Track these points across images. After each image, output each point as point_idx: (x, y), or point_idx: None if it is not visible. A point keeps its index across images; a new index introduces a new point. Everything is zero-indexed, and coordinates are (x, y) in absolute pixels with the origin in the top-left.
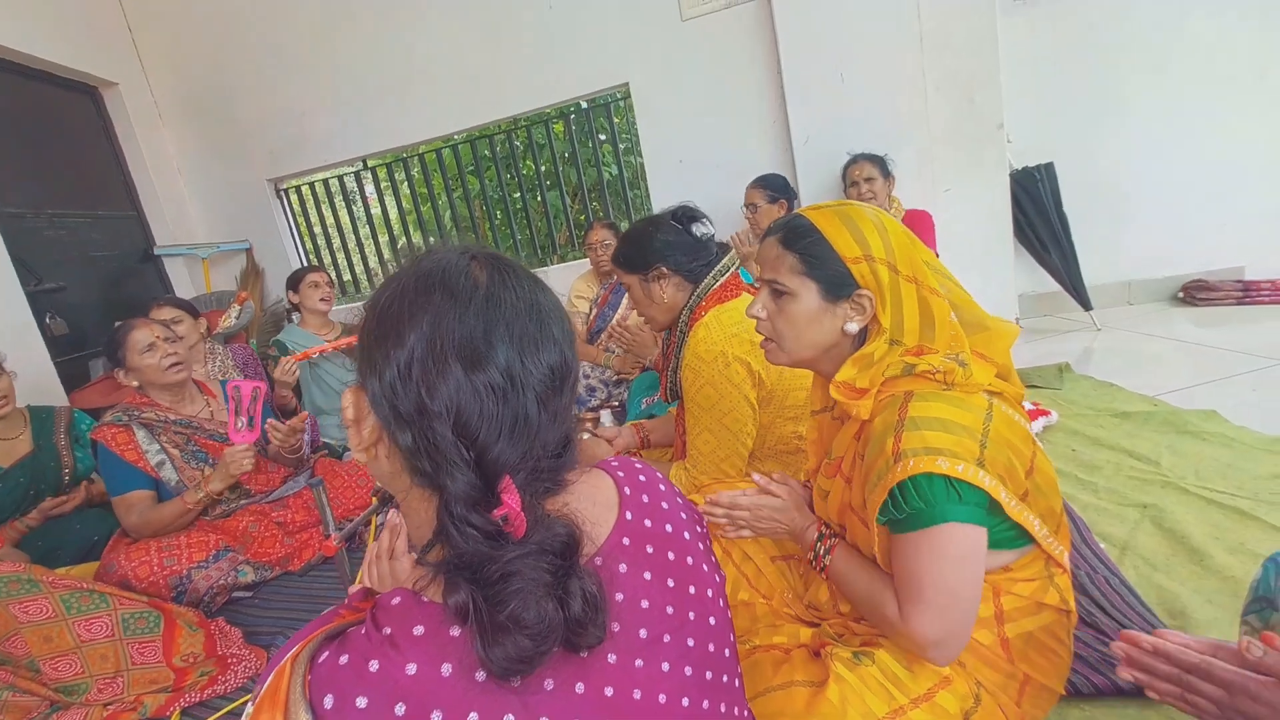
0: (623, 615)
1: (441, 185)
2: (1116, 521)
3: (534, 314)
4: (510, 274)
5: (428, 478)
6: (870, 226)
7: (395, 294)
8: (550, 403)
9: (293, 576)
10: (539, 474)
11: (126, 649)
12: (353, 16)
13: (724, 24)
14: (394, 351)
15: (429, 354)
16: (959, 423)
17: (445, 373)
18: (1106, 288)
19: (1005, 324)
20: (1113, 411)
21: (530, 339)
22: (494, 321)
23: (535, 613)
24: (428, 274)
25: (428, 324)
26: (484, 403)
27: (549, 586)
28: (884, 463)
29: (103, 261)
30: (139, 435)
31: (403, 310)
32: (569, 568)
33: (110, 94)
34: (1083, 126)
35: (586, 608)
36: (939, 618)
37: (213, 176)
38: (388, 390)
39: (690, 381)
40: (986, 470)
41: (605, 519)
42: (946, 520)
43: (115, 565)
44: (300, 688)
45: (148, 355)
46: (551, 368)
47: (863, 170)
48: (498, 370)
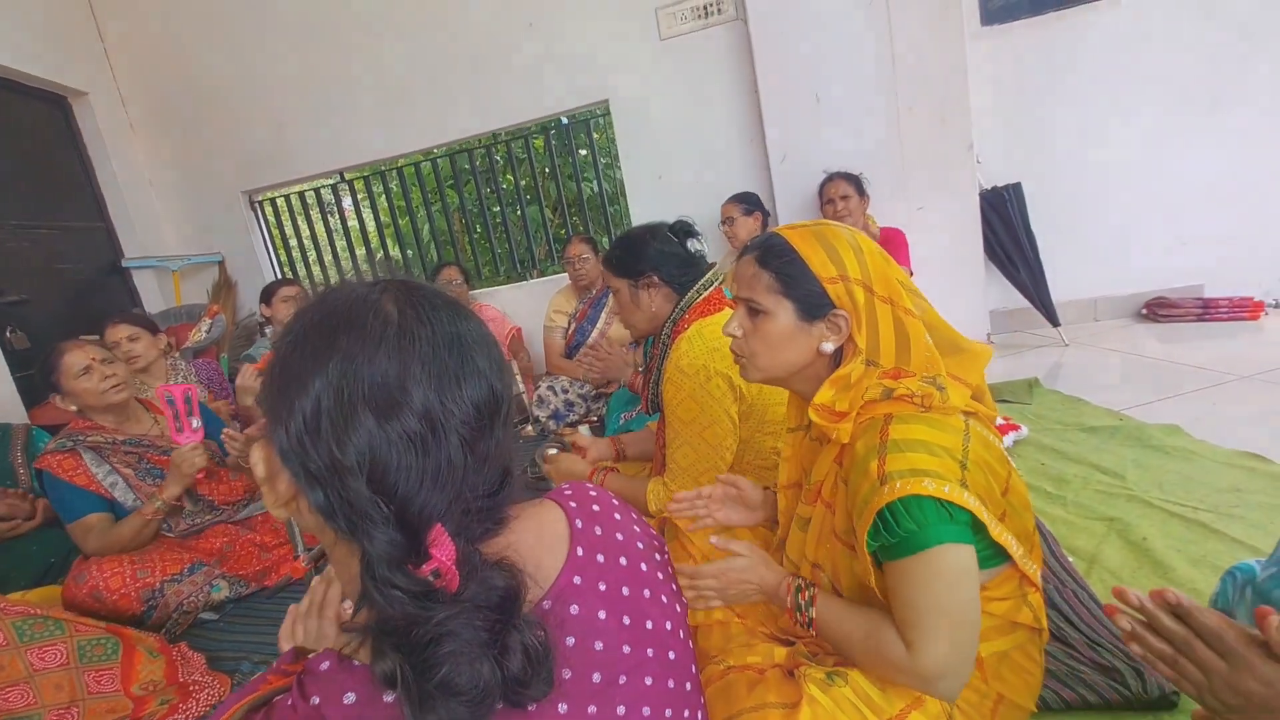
0: (574, 660)
1: (420, 199)
2: (1084, 535)
3: (454, 347)
4: (425, 305)
5: (348, 535)
6: (846, 247)
7: (298, 336)
8: (478, 444)
9: (259, 600)
10: (473, 516)
11: (83, 677)
12: (332, 29)
13: (702, 44)
14: (298, 401)
15: (336, 403)
16: (940, 444)
17: (355, 423)
18: (1073, 304)
19: (979, 345)
20: (1080, 426)
21: (450, 376)
22: (408, 361)
23: (469, 677)
24: (332, 312)
25: (334, 369)
26: (401, 453)
27: (485, 645)
28: (869, 486)
29: (69, 274)
30: (87, 459)
31: (306, 355)
32: (508, 621)
33: (80, 104)
34: (1049, 149)
35: (529, 663)
36: (948, 644)
37: (185, 188)
38: (295, 445)
39: (671, 395)
40: (969, 491)
41: (555, 556)
42: (941, 541)
43: (86, 576)
44: None
45: (84, 379)
46: (477, 405)
47: (838, 188)
48: (414, 415)
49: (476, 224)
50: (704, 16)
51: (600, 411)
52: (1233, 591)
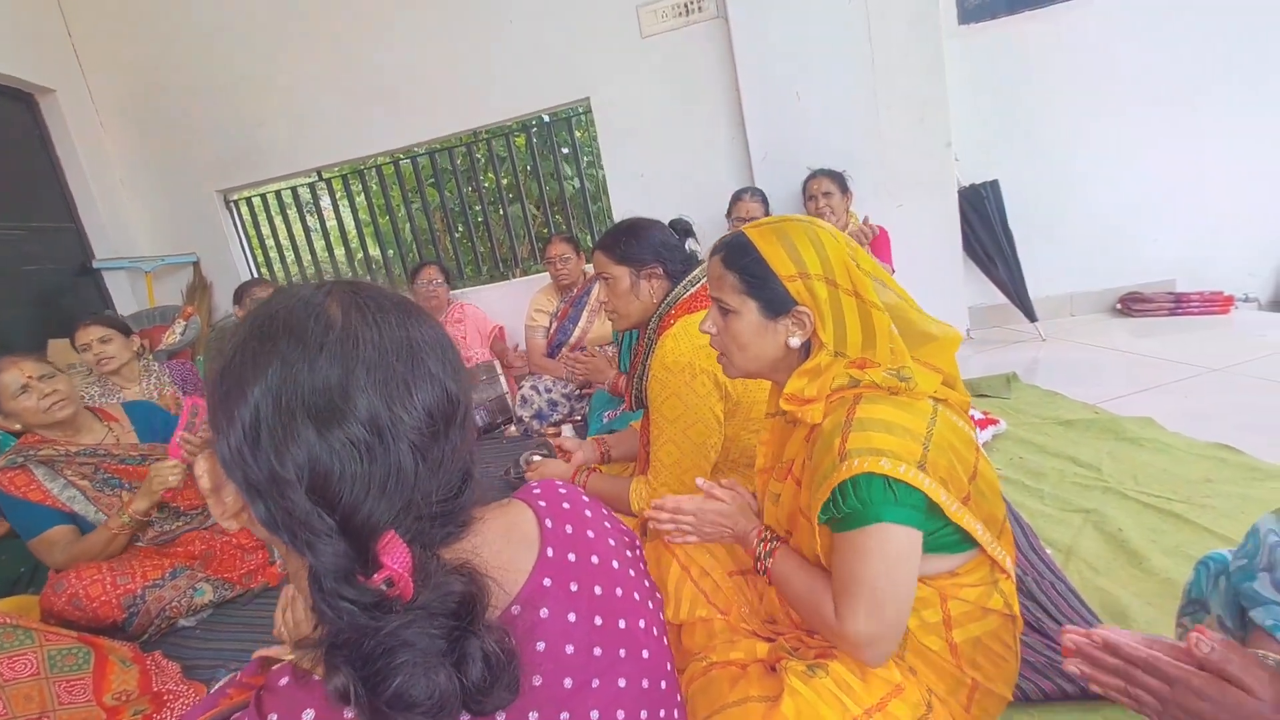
0: (545, 665)
1: (400, 198)
2: (1061, 527)
3: (403, 351)
4: (372, 307)
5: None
6: (806, 243)
7: (238, 343)
8: (431, 450)
9: (238, 605)
10: (430, 520)
11: (53, 688)
12: (308, 25)
13: (683, 42)
14: (237, 411)
15: (275, 412)
16: (903, 425)
17: (294, 433)
18: (1050, 300)
19: (949, 330)
20: (1057, 420)
21: (398, 381)
22: (351, 367)
23: (424, 687)
24: (273, 316)
25: (272, 376)
26: (345, 463)
27: (443, 654)
28: (830, 462)
29: (36, 275)
30: (39, 474)
31: (245, 362)
32: (466, 628)
33: (47, 100)
34: (1025, 146)
35: (489, 671)
36: (872, 616)
37: (158, 187)
38: (235, 456)
39: (656, 392)
40: (928, 473)
41: (524, 559)
42: (881, 520)
43: (65, 584)
44: None
45: (23, 398)
46: (429, 410)
47: (820, 185)
48: (358, 423)
49: (458, 223)
50: (685, 14)
51: (583, 411)
52: (1206, 581)
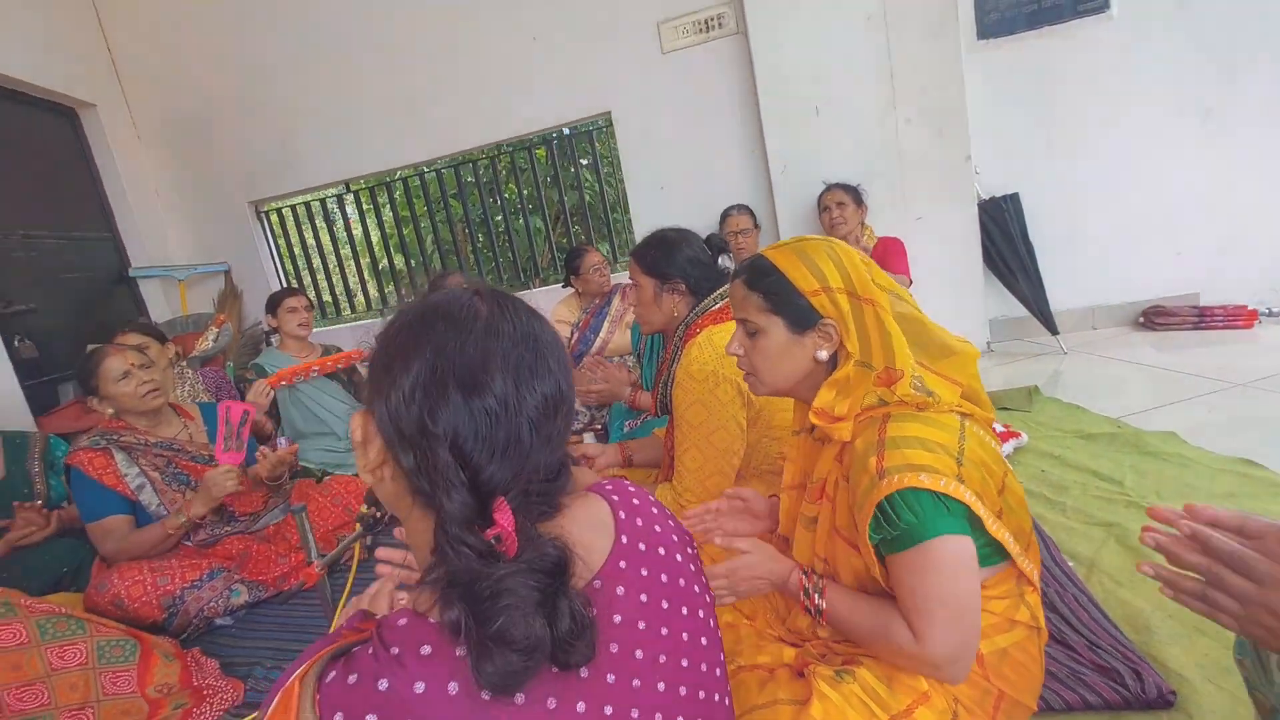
0: (621, 637)
1: (424, 209)
2: (1084, 540)
3: (530, 345)
4: (510, 308)
5: (427, 497)
6: (825, 258)
7: (402, 325)
8: (543, 427)
9: (273, 606)
10: (532, 496)
11: (99, 678)
12: (339, 41)
13: (703, 57)
14: (399, 377)
15: (431, 379)
16: (935, 441)
17: (445, 397)
18: (1072, 313)
19: (968, 347)
20: (1079, 433)
21: (527, 368)
22: (492, 351)
23: (523, 629)
24: (433, 306)
25: (430, 351)
26: (479, 426)
27: (538, 604)
28: (868, 481)
29: (75, 283)
30: (118, 459)
31: (408, 339)
32: (558, 587)
33: (88, 115)
34: (1045, 159)
35: (574, 626)
36: (952, 631)
37: (192, 198)
38: (393, 413)
39: (681, 399)
40: (965, 486)
41: (601, 543)
42: (939, 533)
43: (108, 584)
44: (310, 706)
45: (123, 384)
46: (546, 396)
47: (834, 196)
48: (494, 396)
49: (479, 233)
50: (705, 30)
51: (603, 420)
52: None
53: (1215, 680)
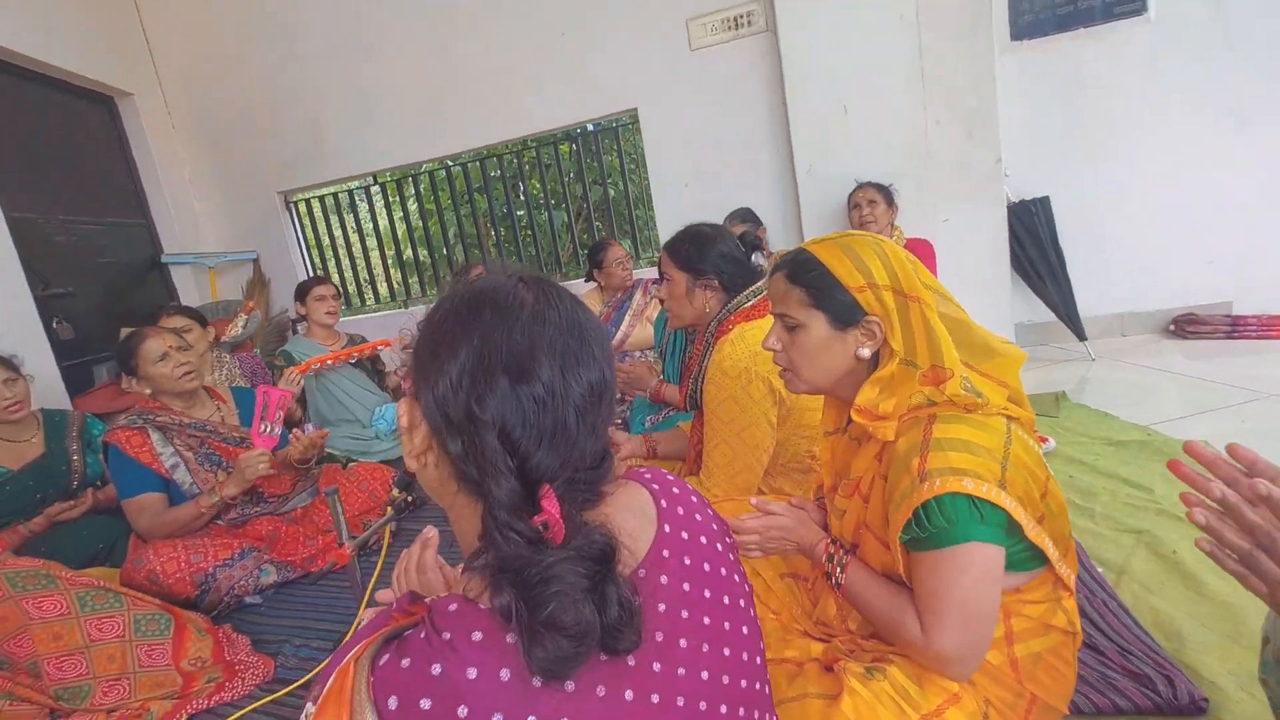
0: (665, 625)
1: (449, 202)
2: (1113, 546)
3: (576, 333)
4: (554, 295)
5: (473, 484)
6: (871, 254)
7: (449, 312)
8: (588, 415)
9: (301, 586)
10: (577, 484)
11: (135, 651)
12: (370, 35)
13: (731, 55)
14: (447, 364)
15: (479, 366)
16: (981, 445)
17: (493, 384)
18: (1100, 319)
19: (1012, 349)
20: (1108, 440)
21: (572, 355)
22: (539, 338)
23: (573, 616)
24: (479, 294)
25: (478, 339)
26: (526, 413)
27: (586, 591)
28: (909, 482)
29: (110, 268)
30: (154, 438)
31: (455, 326)
32: (605, 574)
33: (125, 104)
34: (1076, 163)
35: (622, 613)
36: (960, 634)
37: (223, 187)
38: (440, 400)
39: (712, 394)
40: (1007, 492)
41: (645, 531)
42: (969, 539)
43: (144, 560)
44: (365, 688)
45: (161, 365)
46: (591, 383)
47: (866, 194)
48: (541, 384)
49: (502, 226)
50: (734, 28)
51: (624, 414)
52: None
53: (1248, 689)
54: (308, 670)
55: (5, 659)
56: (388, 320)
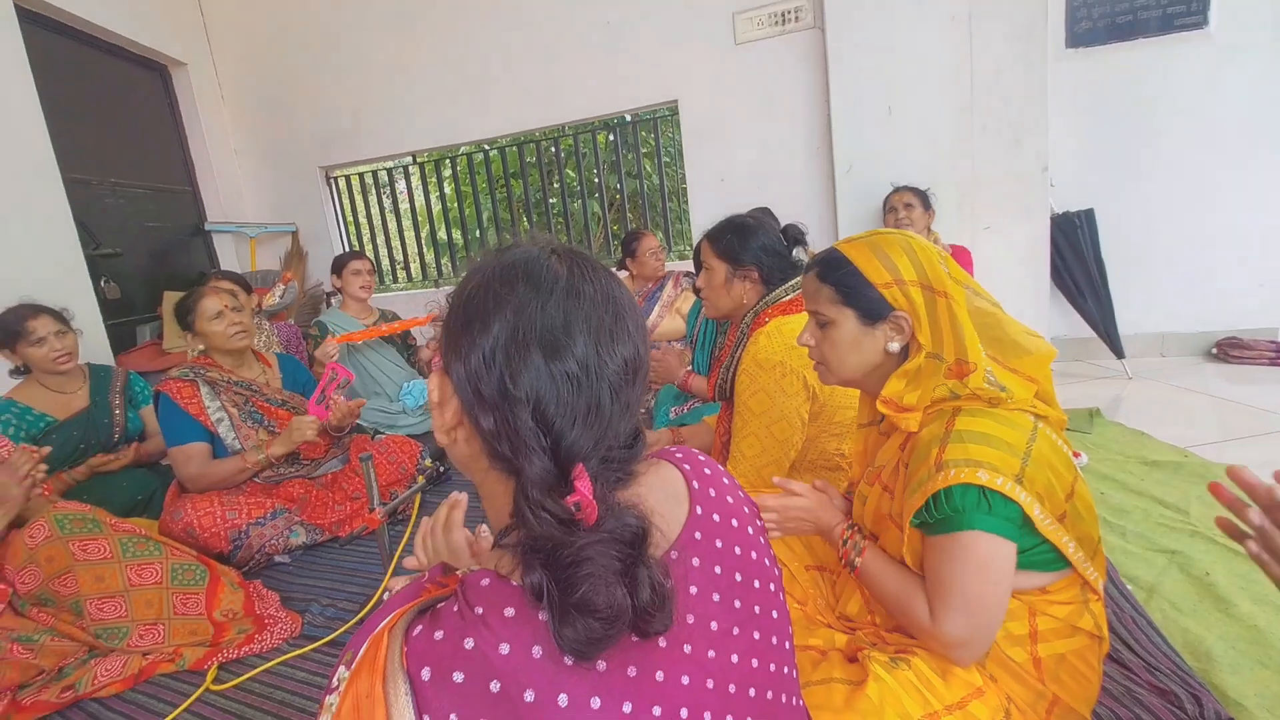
0: (697, 608)
1: (485, 185)
2: (1144, 565)
3: (610, 307)
4: (589, 268)
5: (505, 461)
6: (898, 251)
7: (480, 284)
8: (622, 393)
9: (329, 548)
10: (610, 464)
11: (171, 598)
12: (416, 15)
13: (776, 50)
14: (480, 338)
15: (512, 341)
16: (1003, 439)
17: (527, 360)
18: (1140, 338)
19: (1042, 344)
20: (1142, 459)
21: (607, 331)
22: (573, 313)
23: (605, 598)
24: (511, 266)
25: (511, 313)
26: (561, 390)
27: (618, 574)
28: (926, 471)
29: (156, 232)
30: (203, 391)
31: (488, 300)
32: (638, 557)
33: (179, 73)
34: (1124, 177)
35: (654, 596)
36: (965, 619)
37: (267, 160)
38: (472, 375)
39: (745, 385)
40: (1024, 488)
41: (677, 512)
42: (972, 528)
43: (182, 513)
44: (398, 658)
45: (216, 322)
46: (625, 360)
47: (903, 198)
48: (575, 360)
49: (536, 212)
50: (781, 23)
51: (649, 404)
52: None
53: (1275, 711)
54: (333, 629)
55: (51, 596)
56: (417, 298)
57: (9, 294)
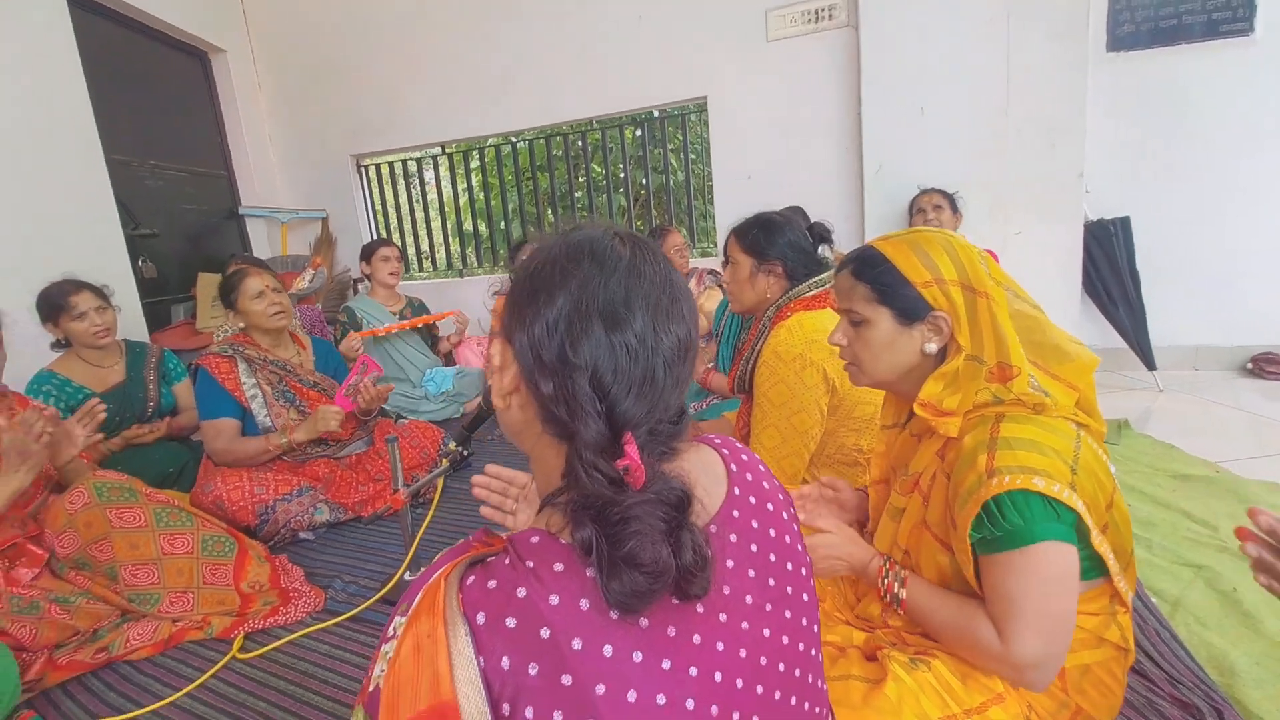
0: (733, 581)
1: (512, 178)
2: (1169, 579)
3: (667, 289)
4: (649, 252)
5: (560, 426)
6: (939, 250)
7: (547, 260)
8: (674, 368)
9: (352, 526)
10: (657, 436)
11: (201, 567)
12: (450, 7)
13: (808, 47)
14: (545, 309)
15: (575, 312)
16: (1050, 446)
17: (588, 330)
18: (1173, 350)
19: (1084, 351)
20: (1171, 473)
21: (664, 310)
22: (634, 291)
23: (651, 554)
24: (577, 244)
25: (576, 287)
26: (619, 360)
27: (663, 534)
28: (975, 478)
29: (191, 215)
30: (240, 368)
31: (554, 274)
32: (681, 520)
33: (218, 60)
34: (1163, 184)
35: (696, 559)
36: (1041, 638)
37: (299, 146)
38: (535, 342)
39: (765, 377)
40: (1077, 495)
41: (716, 489)
42: (1045, 538)
43: (212, 486)
44: (455, 603)
45: (257, 301)
46: (679, 338)
47: (931, 199)
48: (634, 334)
49: (561, 206)
50: (814, 21)
51: None
52: None
53: None
54: (355, 605)
55: (88, 561)
56: (441, 287)
57: (53, 270)
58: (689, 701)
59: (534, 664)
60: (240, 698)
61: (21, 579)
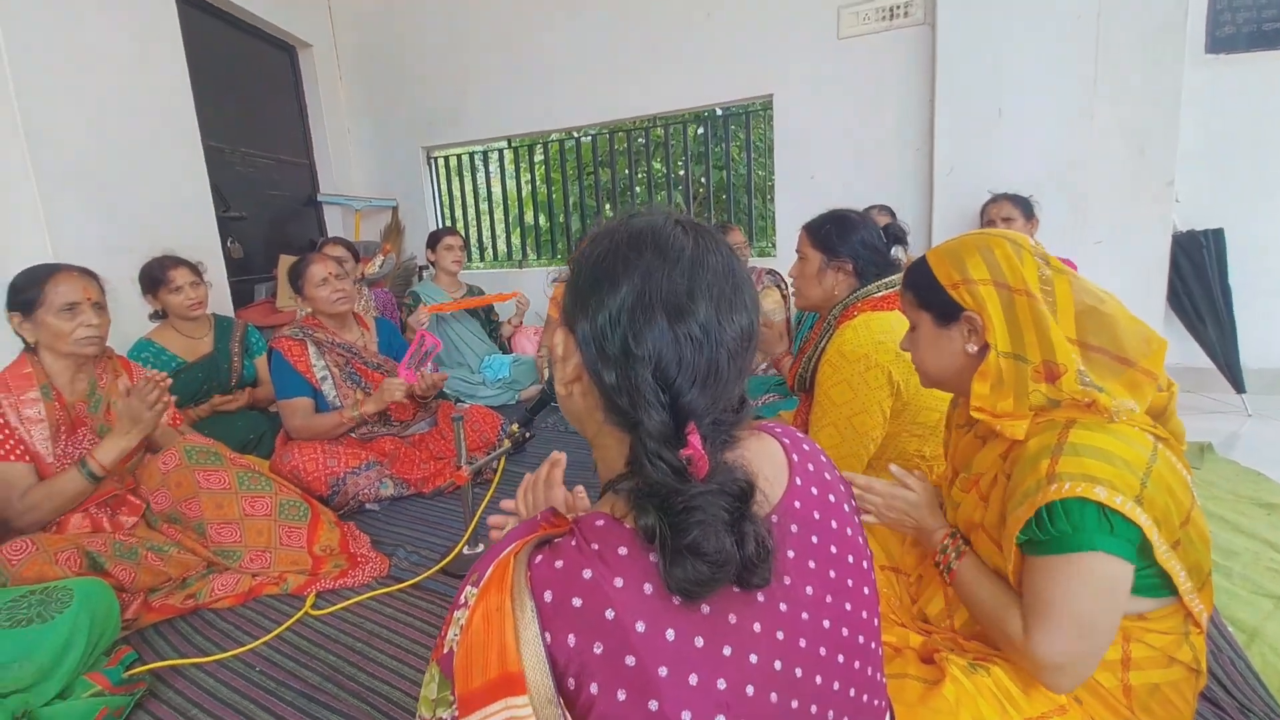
0: (793, 571)
1: (574, 172)
2: (1248, 608)
3: (731, 279)
4: (712, 241)
5: (623, 416)
6: (972, 251)
7: (609, 248)
8: (738, 358)
9: (416, 500)
10: (719, 426)
11: (278, 529)
12: (518, 3)
13: (881, 45)
14: (608, 299)
15: (639, 303)
16: (1121, 456)
17: (652, 321)
18: (1264, 372)
19: (1153, 334)
20: (1257, 501)
21: (726, 300)
22: (697, 281)
23: (714, 544)
24: (640, 233)
25: (639, 277)
26: (682, 352)
27: (726, 524)
28: (1034, 482)
29: (275, 200)
30: (311, 350)
31: (617, 263)
32: (744, 511)
33: (305, 54)
34: (1260, 196)
35: (758, 549)
36: (1065, 643)
37: (374, 138)
38: (598, 333)
39: (827, 375)
40: (1144, 509)
41: (778, 480)
42: (1094, 548)
43: (290, 456)
44: (523, 580)
45: (321, 288)
46: (742, 328)
47: (1001, 209)
48: (697, 325)
49: (621, 201)
50: (889, 18)
51: None
52: None
53: None
54: (417, 574)
55: (179, 516)
56: (500, 277)
57: (153, 246)
58: (749, 688)
59: (599, 643)
60: (312, 650)
61: (123, 525)
